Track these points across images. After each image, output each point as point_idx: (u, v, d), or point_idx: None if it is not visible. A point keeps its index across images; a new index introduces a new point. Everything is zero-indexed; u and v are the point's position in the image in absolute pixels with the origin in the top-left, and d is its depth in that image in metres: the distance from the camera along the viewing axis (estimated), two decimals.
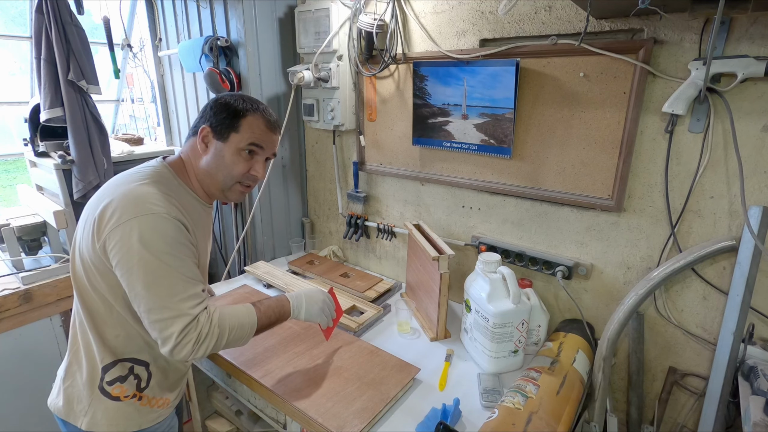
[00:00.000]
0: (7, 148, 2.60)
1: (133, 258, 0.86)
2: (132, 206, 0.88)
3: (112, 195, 0.90)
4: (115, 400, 1.00)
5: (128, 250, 0.86)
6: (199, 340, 0.88)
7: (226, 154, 1.00)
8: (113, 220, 0.87)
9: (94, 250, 0.90)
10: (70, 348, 1.04)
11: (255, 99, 1.04)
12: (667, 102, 1.07)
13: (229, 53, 1.78)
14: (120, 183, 0.94)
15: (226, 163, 1.00)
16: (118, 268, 0.88)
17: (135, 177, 0.95)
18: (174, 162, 1.03)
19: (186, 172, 1.04)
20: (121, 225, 0.86)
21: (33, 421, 1.67)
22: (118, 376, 1.00)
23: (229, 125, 0.99)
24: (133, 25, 2.58)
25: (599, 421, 1.21)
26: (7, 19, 2.58)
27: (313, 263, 1.91)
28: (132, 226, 0.86)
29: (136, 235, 0.86)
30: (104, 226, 0.88)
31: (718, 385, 1.09)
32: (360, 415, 1.04)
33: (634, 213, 1.23)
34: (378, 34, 1.53)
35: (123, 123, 3.03)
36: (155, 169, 0.99)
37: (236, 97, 1.02)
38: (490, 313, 1.19)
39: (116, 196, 0.89)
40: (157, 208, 0.89)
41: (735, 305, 1.07)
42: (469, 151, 1.47)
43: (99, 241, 0.89)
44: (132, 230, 0.86)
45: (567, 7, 1.19)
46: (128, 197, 0.89)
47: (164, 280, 0.87)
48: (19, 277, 1.62)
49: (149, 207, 0.88)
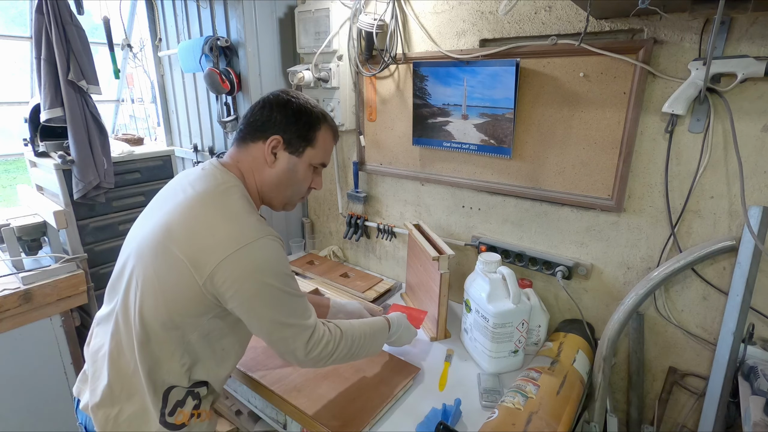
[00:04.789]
0: (7, 148, 2.60)
1: (255, 287, 0.82)
2: (240, 234, 0.82)
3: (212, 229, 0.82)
4: (181, 428, 0.91)
5: (248, 279, 0.81)
6: (322, 343, 0.90)
7: (300, 170, 0.94)
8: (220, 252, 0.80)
9: (191, 286, 0.82)
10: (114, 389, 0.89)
11: (314, 101, 0.98)
12: (667, 102, 1.07)
13: (229, 53, 1.78)
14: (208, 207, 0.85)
15: (299, 178, 0.95)
16: (235, 299, 0.82)
17: (223, 199, 0.87)
18: (236, 172, 0.93)
19: (245, 181, 0.94)
20: (235, 254, 0.80)
21: (33, 421, 1.67)
22: (177, 401, 0.90)
23: (305, 138, 0.93)
24: (133, 25, 2.59)
25: (599, 421, 1.21)
26: (7, 19, 2.58)
27: (313, 263, 1.91)
28: (246, 253, 0.81)
29: (253, 263, 0.81)
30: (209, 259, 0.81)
31: (718, 385, 1.09)
32: (360, 415, 1.04)
33: (634, 213, 1.23)
34: (378, 34, 1.53)
35: (123, 123, 3.03)
36: (234, 187, 0.90)
37: (306, 103, 0.94)
38: (490, 313, 1.19)
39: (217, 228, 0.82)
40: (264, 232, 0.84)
41: (735, 305, 1.07)
42: (469, 151, 1.47)
43: (202, 278, 0.81)
44: (248, 258, 0.81)
45: (567, 7, 1.19)
46: (231, 224, 0.83)
47: (287, 301, 0.87)
48: (19, 277, 1.62)
49: (257, 232, 0.83)
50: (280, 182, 0.94)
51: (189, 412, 0.91)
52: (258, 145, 0.93)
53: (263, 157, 0.92)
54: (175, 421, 0.89)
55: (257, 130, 0.93)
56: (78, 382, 1.00)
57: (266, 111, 0.93)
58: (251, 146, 0.93)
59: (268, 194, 0.96)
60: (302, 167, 0.95)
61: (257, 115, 0.93)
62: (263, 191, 0.96)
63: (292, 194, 0.97)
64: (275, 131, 0.92)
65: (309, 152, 0.94)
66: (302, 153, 0.94)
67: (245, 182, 0.93)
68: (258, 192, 0.96)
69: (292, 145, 0.93)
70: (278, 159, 0.93)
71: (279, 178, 0.94)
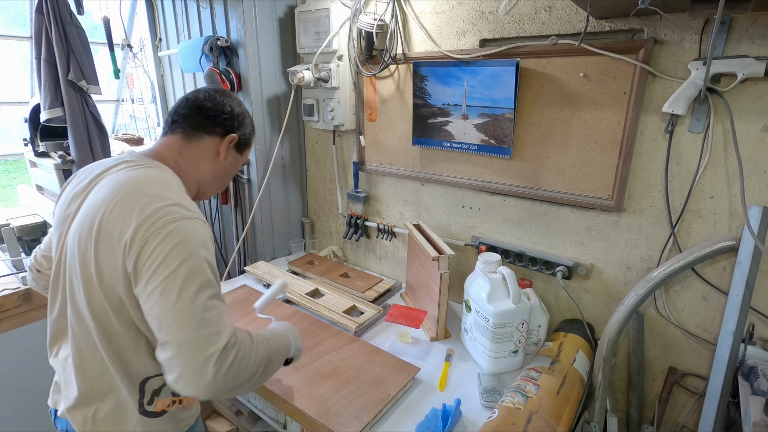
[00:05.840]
0: (7, 148, 2.61)
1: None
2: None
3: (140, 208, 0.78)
4: (162, 414, 0.90)
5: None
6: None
7: (236, 167, 1.02)
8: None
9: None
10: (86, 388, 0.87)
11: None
12: (667, 102, 1.07)
13: (229, 53, 1.78)
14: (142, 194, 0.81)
15: (232, 173, 1.02)
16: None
17: (155, 187, 0.82)
18: (171, 164, 0.91)
19: (180, 171, 0.92)
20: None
21: (33, 421, 1.67)
22: (153, 391, 0.89)
23: (247, 141, 1.01)
24: (133, 25, 2.59)
25: (599, 421, 1.21)
26: (7, 19, 2.58)
27: (313, 263, 1.91)
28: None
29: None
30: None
31: (718, 385, 1.09)
32: (360, 415, 1.04)
33: (634, 213, 1.23)
34: (378, 34, 1.53)
35: (123, 123, 3.03)
36: (167, 175, 0.88)
37: (242, 108, 1.00)
38: (490, 313, 1.19)
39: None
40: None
41: (735, 305, 1.07)
42: (469, 151, 1.47)
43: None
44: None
45: (567, 7, 1.19)
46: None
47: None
48: (19, 277, 1.62)
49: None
50: (221, 174, 0.99)
51: (168, 401, 0.91)
52: (214, 139, 0.95)
53: (215, 151, 0.96)
54: (154, 409, 0.90)
55: (210, 125, 0.94)
56: (51, 393, 0.97)
57: (218, 104, 0.95)
58: (204, 139, 0.94)
59: (208, 183, 0.98)
60: (239, 164, 1.03)
61: (210, 108, 0.94)
62: (203, 181, 0.97)
63: (221, 187, 1.03)
64: (233, 129, 0.97)
65: (245, 153, 1.04)
66: (243, 153, 1.03)
67: (180, 172, 0.91)
68: (198, 182, 0.96)
69: (239, 145, 0.99)
70: (228, 155, 0.98)
71: (224, 171, 1.00)
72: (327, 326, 1.42)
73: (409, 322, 1.36)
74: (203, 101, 0.95)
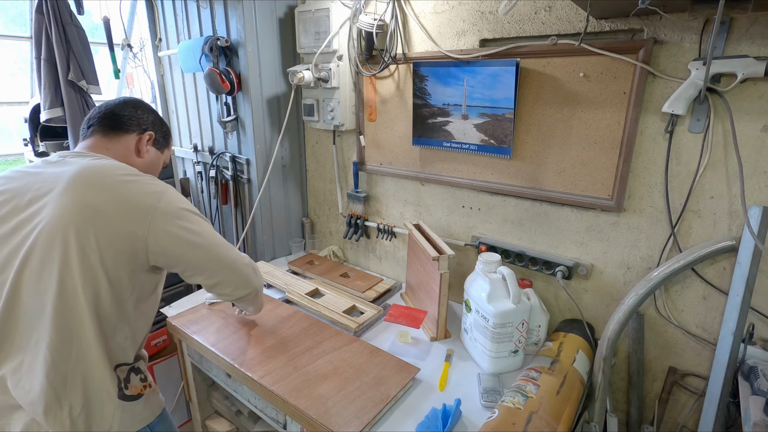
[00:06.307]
0: (7, 148, 2.61)
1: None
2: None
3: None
4: (138, 398, 0.98)
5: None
6: None
7: (160, 163, 1.13)
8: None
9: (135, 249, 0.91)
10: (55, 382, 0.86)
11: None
12: (667, 102, 1.07)
13: (229, 53, 1.78)
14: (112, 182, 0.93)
15: (157, 170, 1.12)
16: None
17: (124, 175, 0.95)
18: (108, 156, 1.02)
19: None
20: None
21: None
22: (123, 379, 0.96)
23: (166, 140, 1.13)
24: (133, 25, 2.59)
25: (599, 421, 1.21)
26: (7, 19, 2.58)
27: (313, 263, 1.91)
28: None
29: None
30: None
31: (718, 385, 1.09)
32: (360, 415, 1.04)
33: (634, 213, 1.23)
34: (378, 34, 1.53)
35: None
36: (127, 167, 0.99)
37: (153, 109, 1.12)
38: (490, 313, 1.19)
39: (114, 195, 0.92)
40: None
41: (735, 305, 1.07)
42: (469, 151, 1.47)
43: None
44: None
45: (567, 7, 1.19)
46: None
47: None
48: None
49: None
50: (147, 171, 1.05)
51: (140, 386, 0.99)
52: (131, 136, 1.05)
53: (135, 148, 1.06)
54: (132, 393, 0.97)
55: (126, 124, 1.05)
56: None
57: (130, 109, 1.06)
58: (124, 137, 1.05)
59: None
60: (162, 162, 1.14)
61: (123, 111, 1.05)
62: None
63: None
64: (148, 128, 1.08)
65: (166, 152, 1.16)
66: (163, 151, 1.14)
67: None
68: None
69: (158, 143, 1.11)
70: (148, 152, 1.09)
71: (148, 167, 1.08)
72: (327, 326, 1.42)
73: (409, 322, 1.36)
74: (114, 106, 1.06)
